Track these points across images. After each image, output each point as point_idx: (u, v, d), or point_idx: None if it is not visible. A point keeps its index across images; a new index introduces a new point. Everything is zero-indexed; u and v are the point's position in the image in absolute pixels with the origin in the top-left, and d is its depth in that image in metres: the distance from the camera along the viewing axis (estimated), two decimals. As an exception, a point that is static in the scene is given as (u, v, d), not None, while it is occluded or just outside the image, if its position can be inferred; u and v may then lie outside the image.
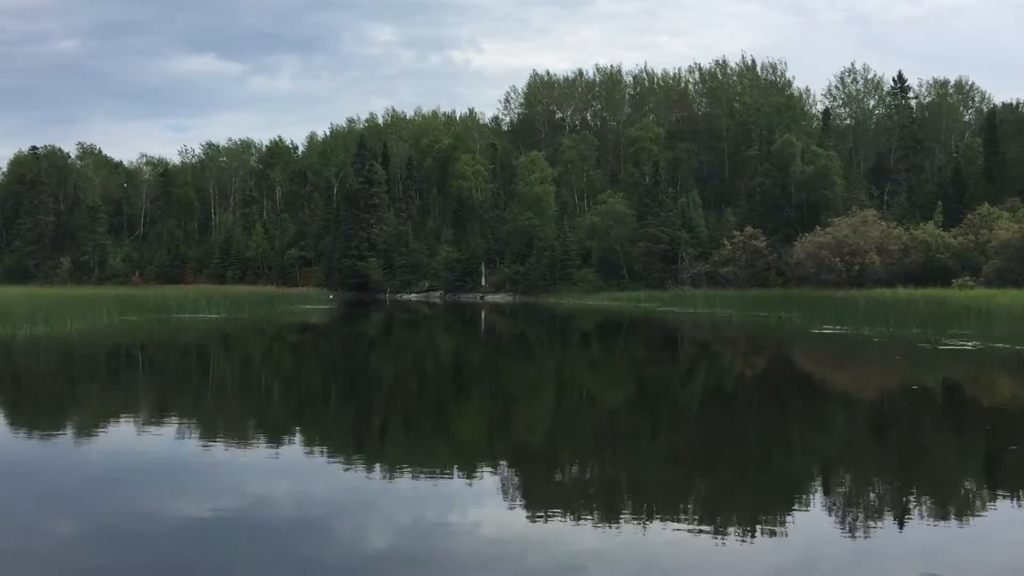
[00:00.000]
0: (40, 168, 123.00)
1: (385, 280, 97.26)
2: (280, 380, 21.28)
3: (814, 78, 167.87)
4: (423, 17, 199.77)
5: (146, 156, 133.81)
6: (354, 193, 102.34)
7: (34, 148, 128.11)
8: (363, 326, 48.36)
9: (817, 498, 9.86)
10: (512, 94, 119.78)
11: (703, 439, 13.49)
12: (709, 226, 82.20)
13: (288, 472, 10.67)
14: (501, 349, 32.34)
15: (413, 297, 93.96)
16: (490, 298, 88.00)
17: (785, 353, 30.44)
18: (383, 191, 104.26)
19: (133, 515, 8.65)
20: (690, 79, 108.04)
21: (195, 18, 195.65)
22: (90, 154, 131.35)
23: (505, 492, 9.84)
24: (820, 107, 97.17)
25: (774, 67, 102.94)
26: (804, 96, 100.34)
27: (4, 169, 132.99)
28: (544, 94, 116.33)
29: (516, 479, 10.61)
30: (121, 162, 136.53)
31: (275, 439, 12.84)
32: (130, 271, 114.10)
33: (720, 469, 11.38)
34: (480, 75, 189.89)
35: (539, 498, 9.60)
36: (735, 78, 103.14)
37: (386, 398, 17.94)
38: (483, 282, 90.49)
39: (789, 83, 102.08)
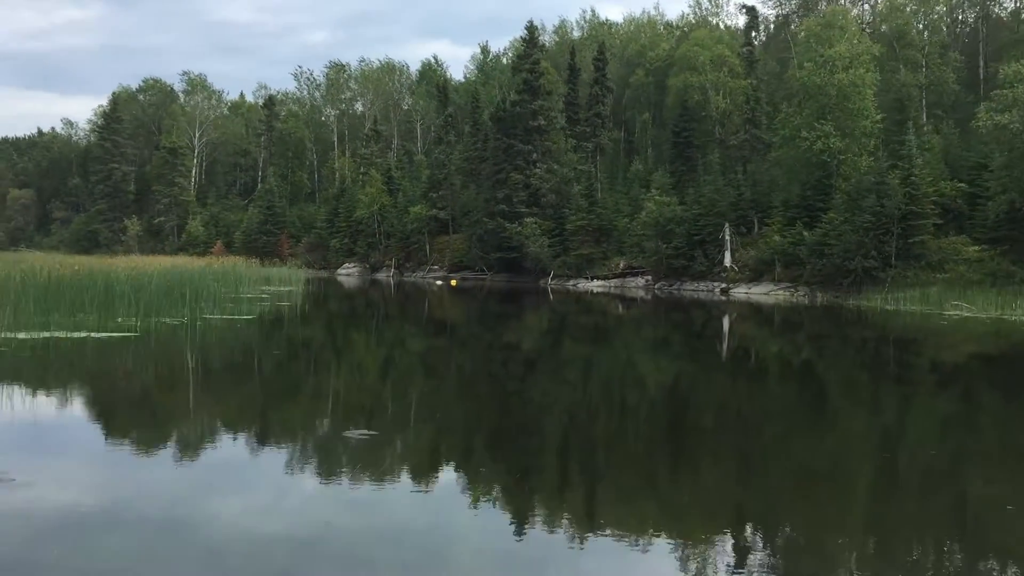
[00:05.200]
0: (120, 106, 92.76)
1: (551, 256, 56.41)
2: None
3: None
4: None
5: (268, 89, 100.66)
6: (508, 111, 62.06)
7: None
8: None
9: None
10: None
11: None
12: None
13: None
14: (769, 396, 15.35)
15: (596, 285, 52.60)
16: (741, 292, 45.02)
17: None
18: (556, 111, 63.30)
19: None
20: None
21: (433, 5, 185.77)
22: (200, 87, 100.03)
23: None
24: None
25: None
26: None
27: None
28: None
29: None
30: (254, 103, 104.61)
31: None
32: (212, 238, 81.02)
33: None
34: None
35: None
36: None
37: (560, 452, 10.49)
38: (727, 262, 47.29)
39: None
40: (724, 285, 46.45)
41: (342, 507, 7.71)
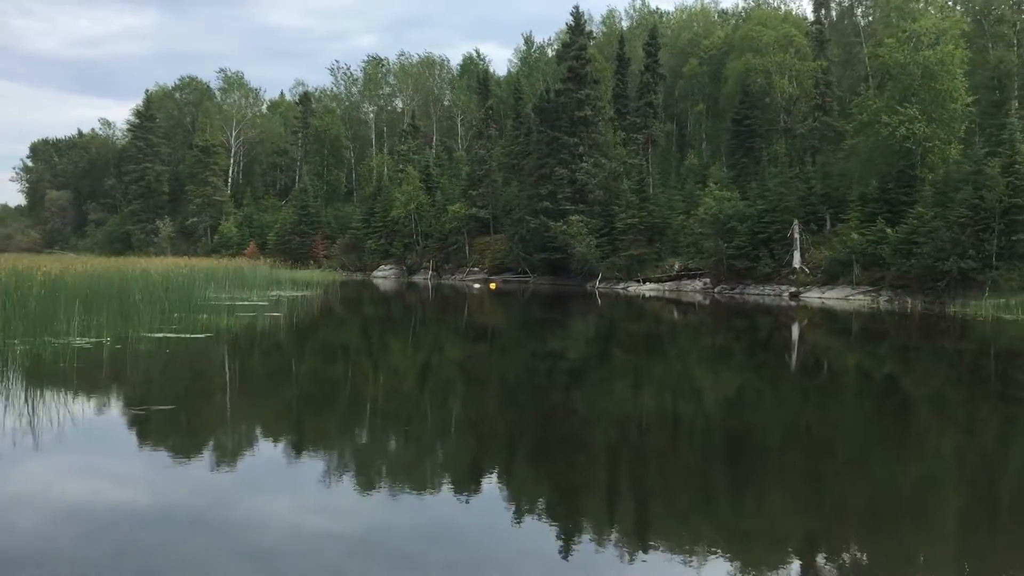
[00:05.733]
0: (153, 105, 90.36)
1: (599, 257, 52.02)
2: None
3: None
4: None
5: (304, 85, 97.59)
6: (552, 101, 57.80)
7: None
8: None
9: None
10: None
11: None
12: None
13: None
14: (844, 414, 13.43)
15: (648, 289, 48.16)
16: (813, 296, 40.23)
17: None
18: (604, 101, 58.90)
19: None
20: None
21: (480, 9, 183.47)
22: (237, 84, 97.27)
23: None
24: None
25: None
26: None
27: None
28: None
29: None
30: (292, 102, 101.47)
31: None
32: (245, 239, 77.97)
33: None
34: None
35: None
36: None
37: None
38: (796, 263, 42.53)
39: None
40: (793, 289, 41.66)
41: (378, 517, 7.30)
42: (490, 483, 8.62)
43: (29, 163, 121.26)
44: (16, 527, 6.89)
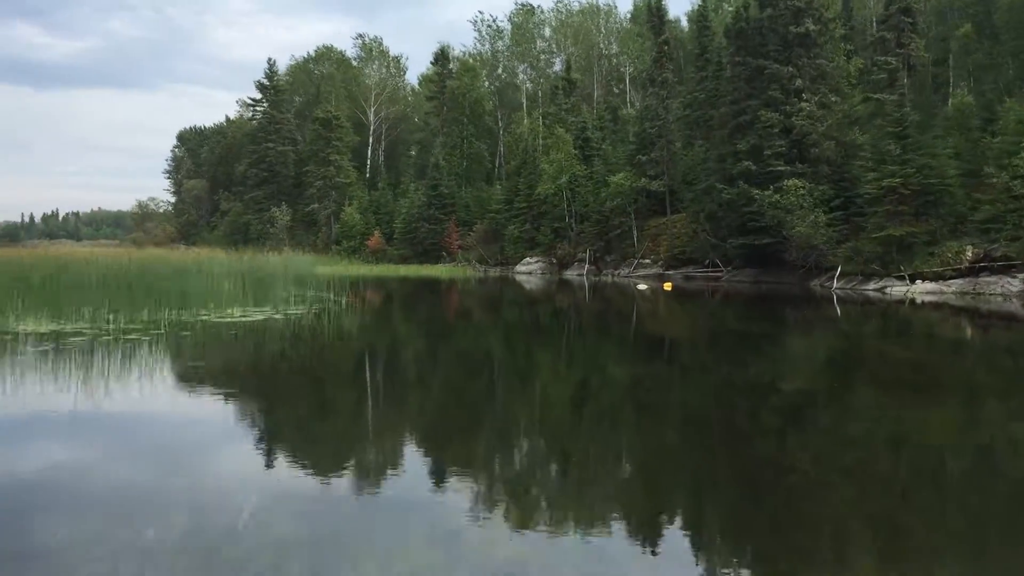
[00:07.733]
0: (275, 77, 79.44)
1: (833, 240, 34.31)
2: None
3: None
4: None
5: (448, 48, 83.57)
6: (754, 21, 40.15)
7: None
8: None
9: None
10: None
11: None
12: None
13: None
14: None
15: (922, 290, 30.02)
16: None
17: None
18: (833, 14, 40.55)
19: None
20: None
21: None
22: (376, 53, 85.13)
23: None
24: None
25: None
26: None
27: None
28: None
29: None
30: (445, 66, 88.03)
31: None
32: (370, 228, 65.10)
33: None
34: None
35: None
36: None
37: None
38: None
39: None
40: None
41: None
42: (677, 542, 6.15)
43: (179, 153, 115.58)
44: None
